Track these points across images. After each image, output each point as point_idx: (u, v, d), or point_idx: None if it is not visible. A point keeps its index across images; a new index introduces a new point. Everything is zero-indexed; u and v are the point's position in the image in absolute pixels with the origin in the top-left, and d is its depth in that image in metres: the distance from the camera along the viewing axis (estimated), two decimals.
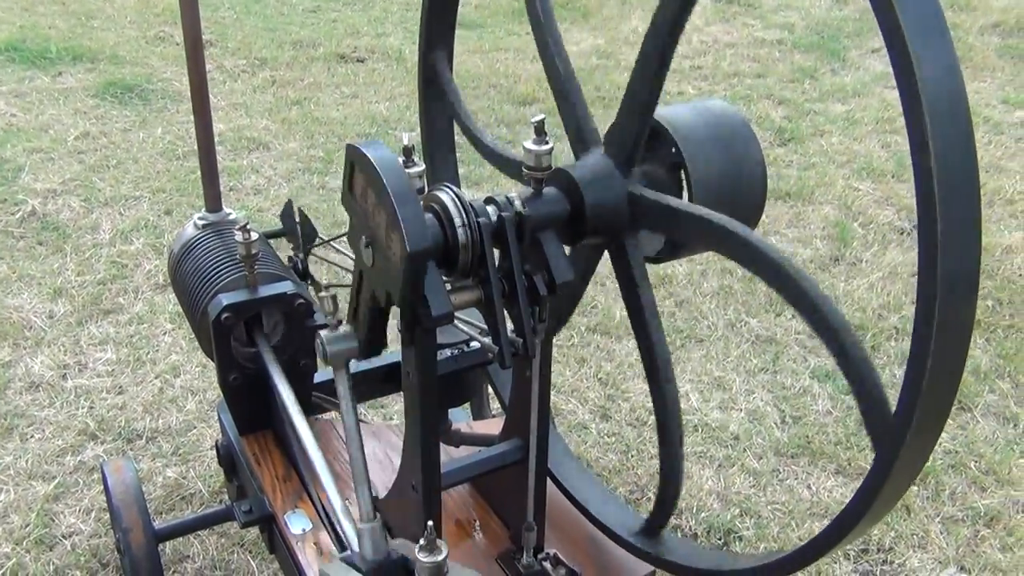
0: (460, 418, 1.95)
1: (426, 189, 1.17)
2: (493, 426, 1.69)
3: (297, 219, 1.76)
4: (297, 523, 1.49)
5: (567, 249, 1.20)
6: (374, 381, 1.88)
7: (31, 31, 4.82)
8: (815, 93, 4.55)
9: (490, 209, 1.13)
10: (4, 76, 4.29)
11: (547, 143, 1.15)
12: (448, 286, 1.12)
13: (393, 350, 2.60)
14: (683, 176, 1.20)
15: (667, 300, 2.86)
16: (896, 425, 0.93)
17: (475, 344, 1.41)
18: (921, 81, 0.81)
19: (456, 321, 1.26)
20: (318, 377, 1.73)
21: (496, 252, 1.14)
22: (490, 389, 2.03)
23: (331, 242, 1.78)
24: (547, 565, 1.38)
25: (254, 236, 1.54)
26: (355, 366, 1.92)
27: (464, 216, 1.11)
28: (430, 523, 1.06)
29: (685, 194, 1.20)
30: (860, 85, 4.63)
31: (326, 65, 4.70)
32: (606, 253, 1.27)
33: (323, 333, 1.21)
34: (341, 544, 1.45)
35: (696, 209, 1.10)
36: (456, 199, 1.12)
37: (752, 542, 2.04)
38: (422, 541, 1.06)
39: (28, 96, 4.11)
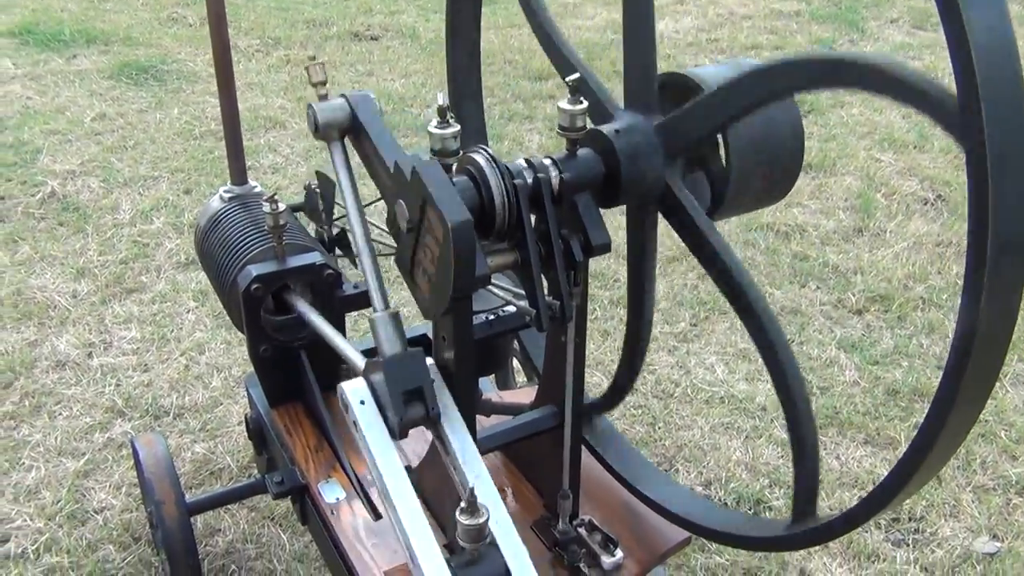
0: (486, 388, 1.94)
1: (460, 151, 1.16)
2: (522, 396, 1.68)
3: (319, 190, 1.75)
4: (331, 492, 1.49)
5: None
6: None
7: (44, 14, 4.81)
8: None
9: (526, 171, 1.12)
10: (19, 59, 4.29)
11: (582, 102, 1.14)
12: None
13: (417, 323, 2.59)
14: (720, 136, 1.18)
15: (690, 273, 2.84)
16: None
17: (508, 310, 1.39)
18: (971, 33, 0.79)
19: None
20: None
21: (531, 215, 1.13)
22: (514, 362, 2.03)
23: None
24: (583, 532, 1.38)
25: (282, 207, 1.54)
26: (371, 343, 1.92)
27: (500, 178, 1.10)
28: (471, 486, 1.05)
29: (722, 153, 1.18)
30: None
31: (340, 44, 4.68)
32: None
33: (313, 104, 1.27)
34: (375, 512, 1.45)
35: (714, 238, 1.10)
36: (491, 160, 1.10)
37: (782, 512, 2.03)
38: (463, 504, 1.06)
39: (43, 79, 4.11)
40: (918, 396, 2.36)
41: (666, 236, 1.26)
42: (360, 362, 1.30)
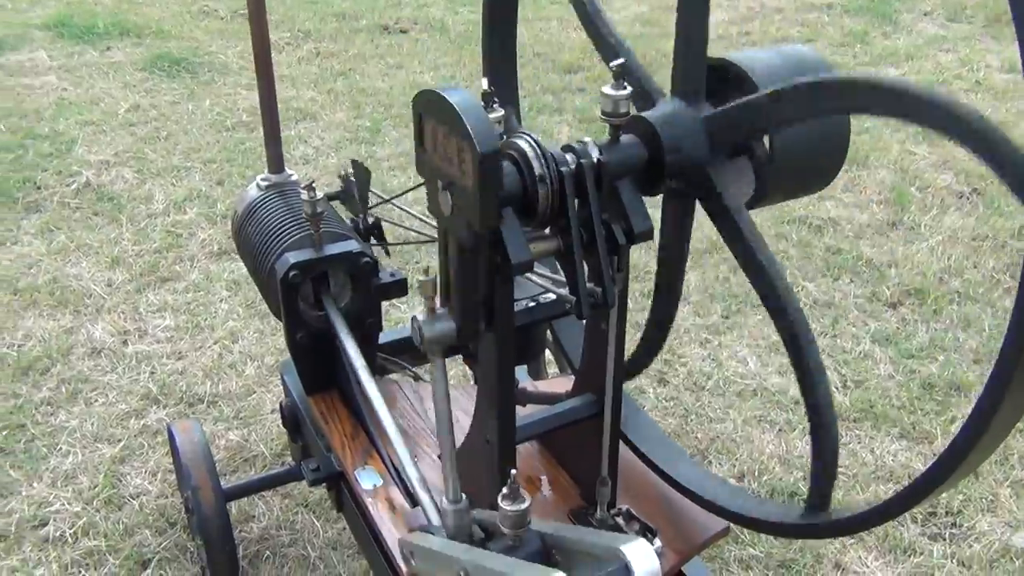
0: (520, 378, 1.94)
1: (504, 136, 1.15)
2: (556, 385, 1.68)
3: (353, 178, 1.76)
4: (368, 479, 1.49)
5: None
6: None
7: (78, 7, 4.87)
8: (867, 57, 4.45)
9: (568, 157, 1.12)
10: (54, 52, 4.34)
11: (625, 88, 1.13)
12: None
13: None
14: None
15: (721, 266, 2.82)
16: None
17: (546, 297, 1.39)
18: None
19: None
20: (383, 337, 1.73)
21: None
22: (546, 354, 2.02)
23: (391, 201, 1.78)
24: (620, 521, 1.37)
25: (319, 195, 1.54)
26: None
27: (543, 163, 1.09)
28: (513, 472, 1.05)
29: (766, 139, 1.17)
30: (913, 48, 4.52)
31: (369, 37, 4.69)
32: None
33: (419, 316, 1.13)
34: (412, 499, 1.46)
35: (748, 230, 1.10)
36: (535, 146, 1.10)
37: None
38: (505, 490, 1.06)
39: (78, 71, 4.15)
40: (954, 390, 2.33)
41: (696, 228, 1.25)
42: (368, 384, 1.36)
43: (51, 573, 1.83)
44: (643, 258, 2.83)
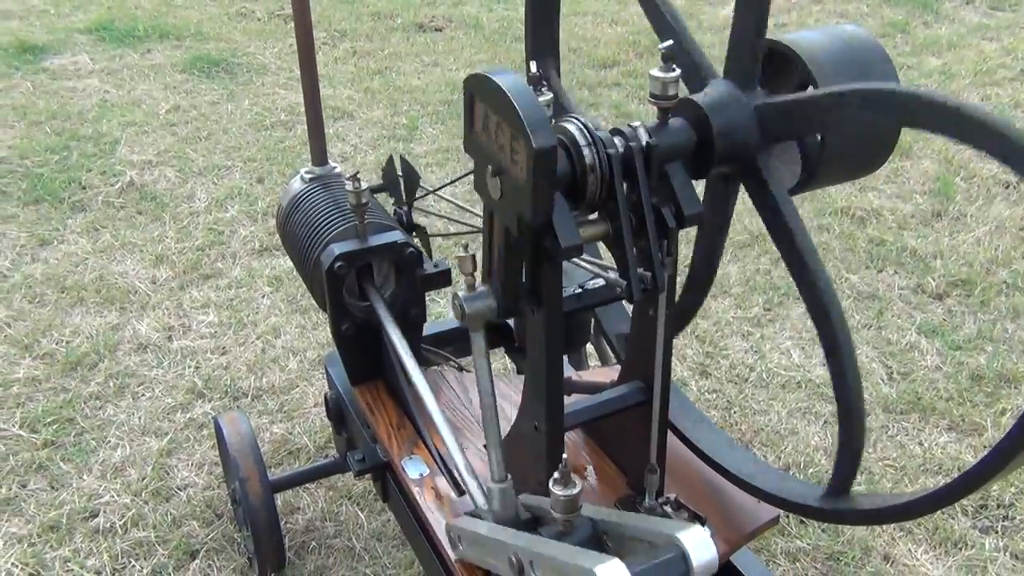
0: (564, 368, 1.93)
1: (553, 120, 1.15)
2: (599, 376, 1.67)
3: (399, 171, 1.77)
4: (414, 468, 1.49)
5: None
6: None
7: (119, 11, 4.94)
8: (908, 47, 4.39)
9: (617, 140, 1.11)
10: (96, 55, 4.40)
11: (674, 70, 1.12)
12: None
13: None
14: None
15: (762, 257, 2.79)
16: None
17: (592, 284, 1.38)
18: None
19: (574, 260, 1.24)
20: (427, 329, 1.73)
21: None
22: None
23: (436, 191, 1.78)
24: (669, 509, 1.36)
25: (364, 186, 1.55)
26: (452, 324, 1.92)
27: (593, 147, 1.09)
28: (564, 456, 1.04)
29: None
30: (956, 37, 4.45)
31: (405, 35, 4.71)
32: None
33: (461, 293, 1.16)
34: (459, 488, 1.46)
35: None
36: (584, 129, 1.09)
37: None
38: (556, 475, 1.05)
39: (120, 73, 4.21)
40: (1004, 382, 2.28)
41: (736, 221, 1.24)
42: (415, 372, 1.36)
43: (102, 563, 1.85)
44: (683, 251, 2.81)
